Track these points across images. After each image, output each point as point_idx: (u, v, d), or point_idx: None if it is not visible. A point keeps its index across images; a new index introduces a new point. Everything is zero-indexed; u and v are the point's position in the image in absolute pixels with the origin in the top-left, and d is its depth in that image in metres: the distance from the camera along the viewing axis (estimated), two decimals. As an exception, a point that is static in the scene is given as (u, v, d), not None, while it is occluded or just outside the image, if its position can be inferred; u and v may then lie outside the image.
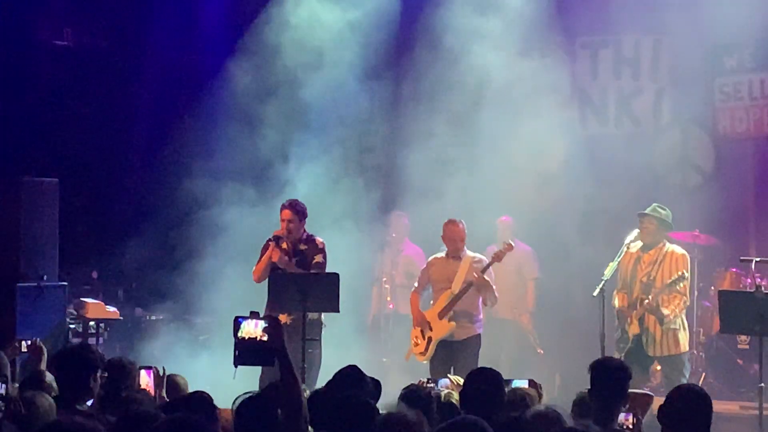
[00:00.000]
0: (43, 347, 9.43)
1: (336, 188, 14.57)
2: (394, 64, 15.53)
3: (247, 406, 6.39)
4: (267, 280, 11.73)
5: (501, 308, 13.76)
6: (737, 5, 13.89)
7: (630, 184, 14.16)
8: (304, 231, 11.92)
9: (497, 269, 12.21)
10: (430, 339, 11.99)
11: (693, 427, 6.39)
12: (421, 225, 13.84)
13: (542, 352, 14.39)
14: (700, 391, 6.87)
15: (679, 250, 11.59)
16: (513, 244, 12.19)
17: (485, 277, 11.85)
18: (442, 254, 12.20)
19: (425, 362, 12.06)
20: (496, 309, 13.48)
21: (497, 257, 11.98)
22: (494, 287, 11.99)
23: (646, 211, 11.58)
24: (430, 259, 12.45)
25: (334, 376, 6.86)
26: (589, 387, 7.54)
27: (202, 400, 6.87)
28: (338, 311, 11.32)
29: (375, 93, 15.30)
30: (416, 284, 12.39)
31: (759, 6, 13.84)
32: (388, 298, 14.60)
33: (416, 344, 12.12)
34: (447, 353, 11.89)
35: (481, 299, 12.01)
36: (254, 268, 11.99)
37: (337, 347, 12.20)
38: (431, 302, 12.20)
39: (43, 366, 9.01)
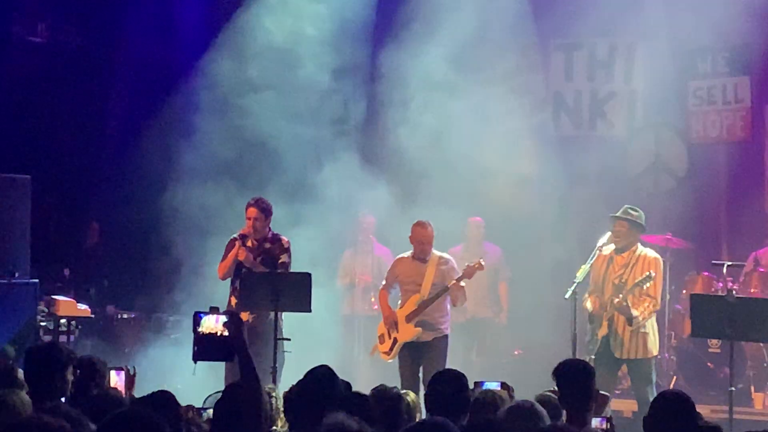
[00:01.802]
0: None
1: (309, 186, 14.60)
2: (370, 62, 15.56)
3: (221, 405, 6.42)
4: (232, 277, 11.81)
5: (479, 308, 13.87)
6: (711, 10, 13.95)
7: (603, 186, 14.25)
8: (270, 230, 11.94)
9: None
10: (395, 340, 12.03)
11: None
12: (394, 226, 13.80)
13: (519, 352, 14.46)
14: (682, 395, 6.88)
15: (651, 253, 11.57)
16: (483, 264, 12.17)
17: (461, 284, 11.91)
18: (408, 254, 12.21)
19: (390, 361, 12.12)
20: (474, 309, 13.57)
21: (468, 274, 11.98)
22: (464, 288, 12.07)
23: (617, 214, 11.56)
24: (396, 258, 12.47)
25: (305, 376, 6.86)
26: (556, 390, 7.56)
27: (165, 398, 6.88)
28: (310, 311, 11.33)
29: (349, 89, 15.35)
30: (384, 282, 12.42)
31: (733, 10, 13.91)
32: (372, 299, 14.53)
33: (382, 342, 12.17)
34: (415, 354, 11.94)
35: (449, 301, 12.04)
36: (219, 265, 12.02)
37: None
38: (399, 302, 12.23)
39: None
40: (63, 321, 13.58)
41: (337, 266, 14.85)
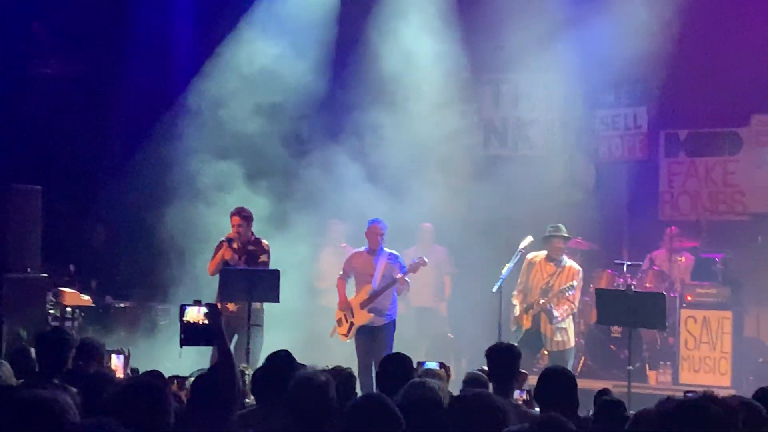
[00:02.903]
0: None
1: (282, 197, 14.52)
2: (331, 93, 15.49)
3: (199, 381, 6.36)
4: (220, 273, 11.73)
5: (424, 298, 13.84)
6: (615, 51, 14.01)
7: (525, 198, 14.19)
8: (252, 234, 11.89)
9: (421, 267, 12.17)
10: (352, 324, 11.99)
11: (562, 401, 6.36)
12: (356, 229, 13.71)
13: (452, 336, 14.42)
14: (565, 371, 6.89)
15: (575, 265, 11.64)
16: (426, 261, 12.16)
17: (406, 278, 11.89)
18: (363, 249, 12.17)
19: (348, 341, 12.05)
20: (420, 298, 13.51)
21: (413, 269, 11.96)
22: (408, 282, 12.02)
23: (563, 234, 11.55)
24: (353, 252, 12.42)
25: (267, 359, 6.78)
26: (486, 368, 7.54)
27: (155, 376, 6.82)
28: (278, 302, 11.27)
29: (313, 122, 15.31)
30: (342, 272, 12.35)
31: (632, 53, 13.97)
32: None
33: (340, 325, 12.13)
34: (368, 336, 11.92)
35: (395, 291, 11.99)
36: (209, 264, 11.95)
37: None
38: (354, 290, 12.17)
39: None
40: (68, 309, 13.48)
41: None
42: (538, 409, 7.05)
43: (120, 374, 8.61)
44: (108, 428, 3.82)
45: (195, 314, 6.97)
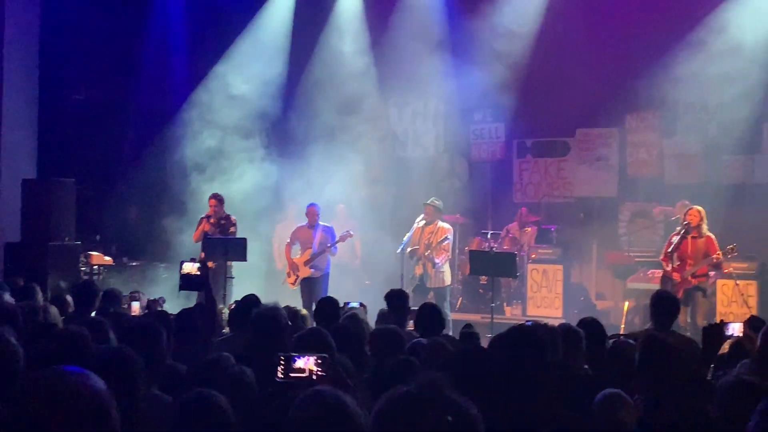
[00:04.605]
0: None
1: (256, 183, 14.54)
2: (287, 108, 15.53)
3: (183, 314, 6.44)
4: (201, 241, 11.84)
5: (344, 258, 13.88)
6: (482, 82, 14.21)
7: (420, 186, 14.35)
8: (224, 212, 11.98)
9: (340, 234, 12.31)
10: (297, 276, 12.13)
11: (433, 325, 6.52)
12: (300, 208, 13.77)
13: (369, 282, 14.53)
14: (432, 306, 7.04)
15: (446, 225, 11.74)
16: (353, 233, 12.29)
17: (332, 249, 12.07)
18: (305, 224, 12.29)
19: (295, 289, 12.16)
20: (342, 258, 13.59)
21: (342, 239, 12.12)
22: (335, 251, 12.15)
23: (427, 202, 11.75)
24: (297, 226, 12.50)
25: (240, 300, 6.84)
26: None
27: (164, 315, 6.89)
28: (246, 260, 11.39)
29: (273, 130, 15.33)
30: (288, 240, 12.44)
31: (494, 83, 14.17)
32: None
33: (289, 277, 12.25)
34: (310, 285, 12.07)
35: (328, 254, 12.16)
36: (193, 234, 12.06)
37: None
38: (299, 253, 12.27)
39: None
40: (95, 267, 13.42)
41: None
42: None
43: (136, 313, 8.64)
44: (122, 353, 3.86)
45: (190, 267, 7.09)
